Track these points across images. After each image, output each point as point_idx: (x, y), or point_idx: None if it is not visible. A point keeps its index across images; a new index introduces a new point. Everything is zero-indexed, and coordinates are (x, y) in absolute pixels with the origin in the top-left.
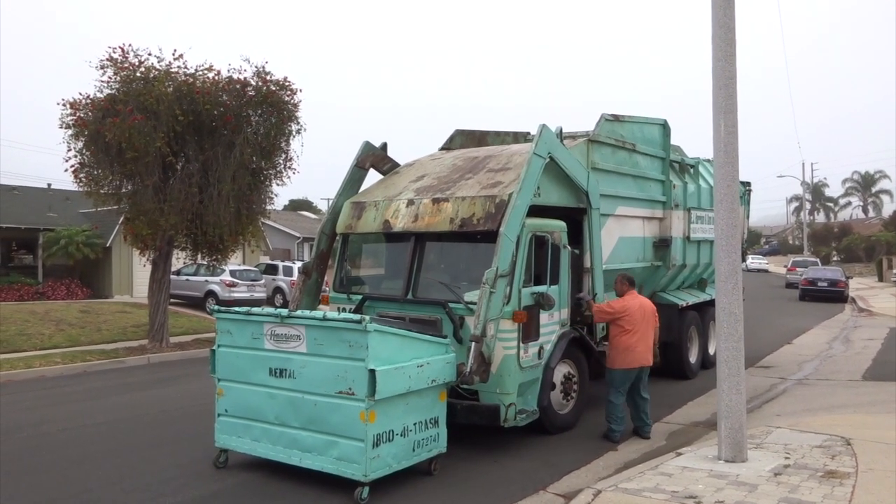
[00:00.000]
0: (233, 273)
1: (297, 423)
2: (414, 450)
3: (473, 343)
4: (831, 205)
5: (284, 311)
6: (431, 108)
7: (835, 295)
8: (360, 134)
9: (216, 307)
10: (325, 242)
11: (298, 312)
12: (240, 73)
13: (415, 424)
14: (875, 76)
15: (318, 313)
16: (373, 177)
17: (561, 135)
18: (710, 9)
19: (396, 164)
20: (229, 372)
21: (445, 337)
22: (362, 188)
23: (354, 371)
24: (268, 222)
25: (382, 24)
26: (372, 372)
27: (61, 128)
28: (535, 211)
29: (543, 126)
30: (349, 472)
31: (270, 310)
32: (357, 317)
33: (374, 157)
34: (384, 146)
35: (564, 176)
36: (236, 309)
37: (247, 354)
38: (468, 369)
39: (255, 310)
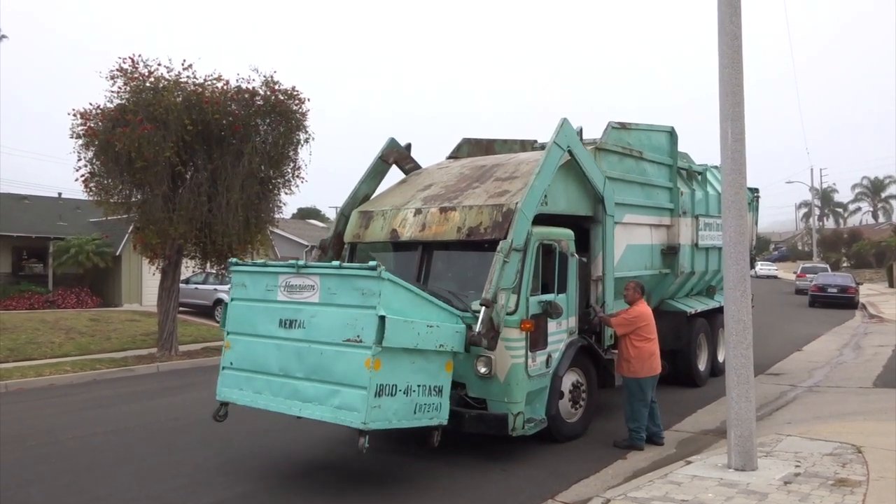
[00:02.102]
0: None
1: (300, 374)
2: (415, 412)
3: (484, 308)
4: (840, 210)
5: (301, 262)
6: (439, 116)
7: (845, 301)
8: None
9: (235, 259)
10: (342, 224)
11: (314, 262)
12: (248, 82)
13: (418, 386)
14: (884, 81)
15: (334, 263)
16: (392, 177)
17: (581, 134)
18: (716, 16)
19: (418, 166)
20: (239, 325)
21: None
22: (383, 183)
23: (364, 318)
24: (276, 231)
25: (392, 34)
26: (382, 318)
27: (72, 137)
28: (543, 220)
29: (565, 119)
30: (348, 420)
31: (286, 262)
32: (373, 264)
33: (398, 155)
34: (408, 146)
35: (578, 180)
36: (253, 262)
37: (259, 306)
38: (477, 331)
39: (272, 262)
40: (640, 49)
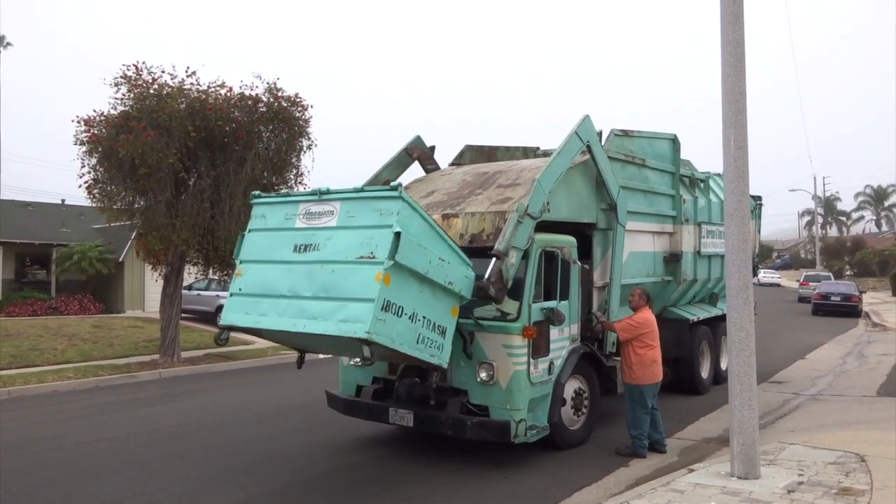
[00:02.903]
0: None
1: (309, 293)
2: (418, 342)
3: (494, 259)
4: (844, 219)
5: (324, 188)
6: (442, 123)
7: (848, 309)
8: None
9: (257, 192)
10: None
11: (336, 188)
12: (251, 89)
13: (423, 317)
14: (887, 90)
15: (356, 186)
16: (412, 172)
17: (601, 136)
18: (718, 24)
19: (438, 167)
20: (252, 253)
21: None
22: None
23: (380, 236)
24: None
25: (394, 40)
26: (397, 235)
27: (75, 144)
28: (544, 227)
29: (587, 116)
30: (352, 331)
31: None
32: (395, 184)
33: (422, 153)
34: (432, 148)
35: (580, 187)
36: (276, 193)
37: (275, 234)
38: (486, 277)
39: (294, 192)
40: (641, 57)
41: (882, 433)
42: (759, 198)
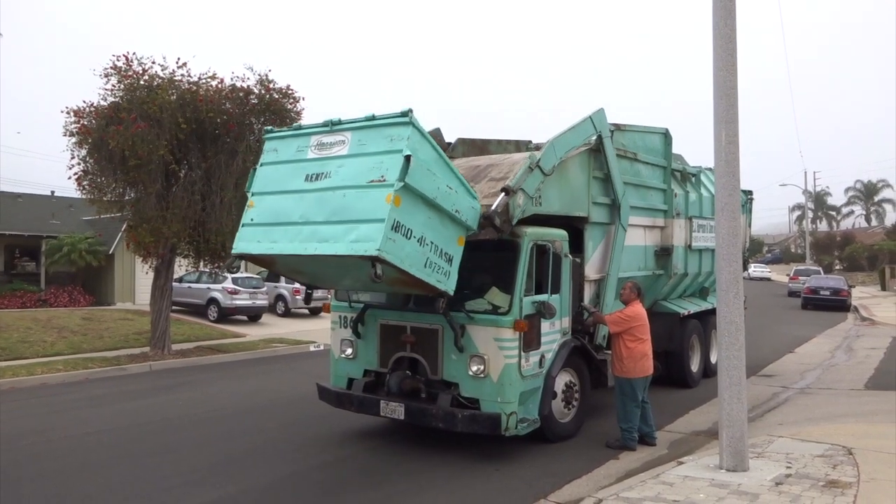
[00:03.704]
0: (235, 280)
1: (321, 218)
2: (426, 265)
3: (504, 193)
4: (834, 213)
5: (336, 119)
6: (434, 115)
7: (837, 304)
8: None
9: (270, 128)
10: None
11: (347, 118)
12: (243, 80)
13: (431, 242)
14: (878, 85)
15: (367, 115)
16: None
17: (613, 135)
18: (711, 19)
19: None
20: (264, 185)
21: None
22: None
23: (390, 160)
24: None
25: (385, 32)
26: (407, 158)
27: (65, 136)
28: (535, 221)
29: (601, 108)
30: (363, 249)
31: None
32: (406, 109)
33: (441, 144)
34: (450, 145)
35: (571, 181)
36: (288, 127)
37: (287, 166)
38: (494, 208)
39: (307, 125)
40: (633, 51)
41: (869, 426)
42: (750, 192)
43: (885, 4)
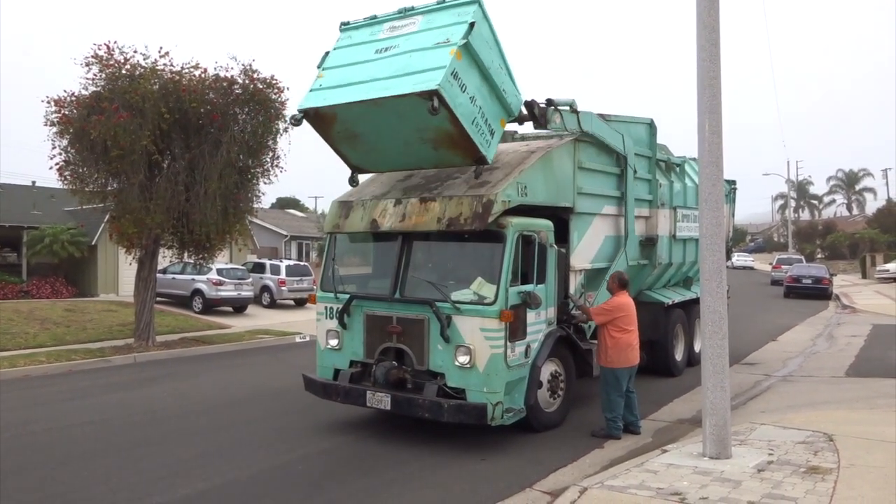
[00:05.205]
0: (220, 272)
1: (386, 75)
2: (473, 123)
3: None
4: (816, 202)
5: (409, 6)
6: None
7: (819, 292)
8: None
9: (347, 20)
10: None
11: (419, 6)
12: (226, 70)
13: (480, 107)
14: (860, 75)
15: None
16: None
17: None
18: (695, 9)
19: None
20: (335, 61)
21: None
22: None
23: (456, 29)
24: (255, 221)
25: None
26: (471, 24)
27: (46, 125)
28: (521, 211)
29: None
30: (425, 84)
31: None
32: None
33: None
34: None
35: (557, 171)
36: (363, 18)
37: (360, 46)
38: (533, 100)
39: (382, 14)
40: (618, 41)
41: (849, 413)
42: (734, 182)
43: None
